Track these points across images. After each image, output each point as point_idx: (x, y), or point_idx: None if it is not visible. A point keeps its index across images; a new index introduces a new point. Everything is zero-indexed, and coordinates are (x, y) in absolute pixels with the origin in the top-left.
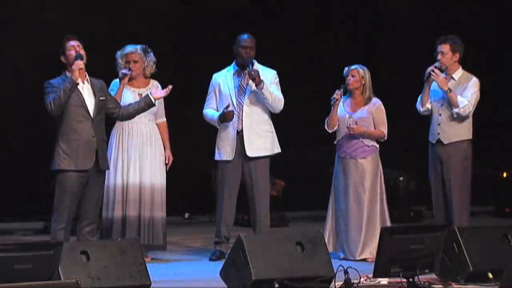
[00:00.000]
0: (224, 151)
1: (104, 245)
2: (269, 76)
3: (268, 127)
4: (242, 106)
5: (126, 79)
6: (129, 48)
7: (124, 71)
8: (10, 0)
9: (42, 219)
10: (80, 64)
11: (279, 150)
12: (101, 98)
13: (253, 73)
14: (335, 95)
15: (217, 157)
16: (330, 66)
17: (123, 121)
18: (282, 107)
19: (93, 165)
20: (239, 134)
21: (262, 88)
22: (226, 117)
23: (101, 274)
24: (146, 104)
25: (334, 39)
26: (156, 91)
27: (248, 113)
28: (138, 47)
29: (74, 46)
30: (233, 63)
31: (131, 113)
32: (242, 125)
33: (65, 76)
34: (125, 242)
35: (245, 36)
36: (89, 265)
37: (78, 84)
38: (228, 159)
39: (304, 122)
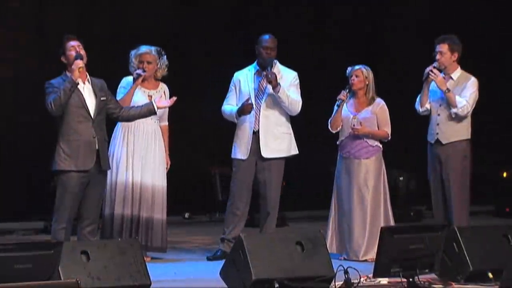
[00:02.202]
0: (240, 150)
1: (104, 245)
2: (289, 77)
3: (285, 128)
4: (260, 107)
5: (140, 79)
6: (143, 49)
7: (138, 71)
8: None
9: (42, 219)
10: (79, 63)
11: (296, 152)
12: (102, 99)
13: (270, 76)
14: (341, 96)
15: (233, 155)
16: (330, 66)
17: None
18: (299, 109)
19: (94, 165)
20: (256, 134)
21: (279, 92)
22: (244, 110)
23: (101, 274)
24: (148, 111)
25: (334, 39)
26: (160, 100)
27: (266, 114)
28: (153, 48)
29: (74, 46)
30: (255, 63)
31: (132, 116)
32: (259, 126)
33: (65, 76)
34: (125, 242)
35: (267, 36)
36: (89, 265)
37: (78, 84)
38: (243, 158)
39: (305, 122)
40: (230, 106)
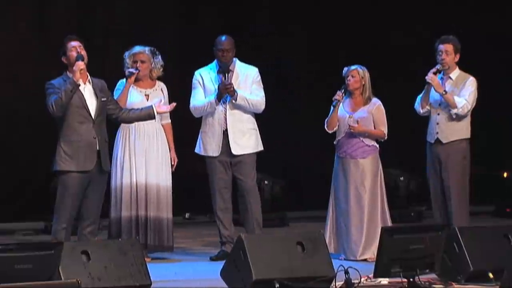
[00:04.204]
0: (210, 148)
1: (105, 245)
2: (251, 74)
3: (251, 125)
4: (226, 105)
5: (133, 78)
6: (137, 48)
7: (131, 69)
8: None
9: (42, 219)
10: (81, 65)
11: (262, 148)
12: (102, 99)
13: (225, 86)
14: (336, 96)
15: (202, 153)
16: (330, 66)
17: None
18: (263, 107)
19: (95, 166)
20: (224, 133)
21: (237, 100)
22: (223, 89)
23: (102, 274)
24: (147, 115)
25: (333, 39)
26: (160, 105)
27: (232, 112)
28: (147, 48)
29: (75, 47)
30: (215, 61)
31: (131, 118)
32: (226, 124)
33: (66, 76)
34: (125, 242)
35: (223, 38)
36: (90, 265)
37: (79, 85)
38: (214, 155)
39: (304, 121)
40: (200, 100)
